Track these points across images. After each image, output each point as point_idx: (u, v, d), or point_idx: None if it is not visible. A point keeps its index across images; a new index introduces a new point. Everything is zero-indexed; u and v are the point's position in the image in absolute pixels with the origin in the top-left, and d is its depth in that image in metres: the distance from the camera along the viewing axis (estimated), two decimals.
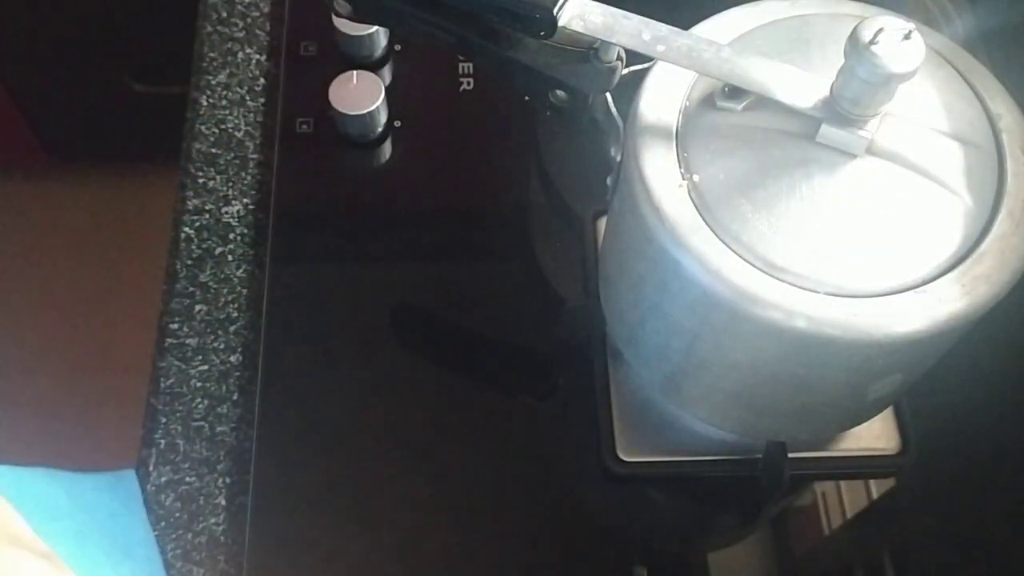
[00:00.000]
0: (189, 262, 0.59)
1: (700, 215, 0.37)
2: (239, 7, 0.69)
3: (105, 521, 0.48)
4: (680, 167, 0.38)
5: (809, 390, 0.42)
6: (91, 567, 0.45)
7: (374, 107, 0.60)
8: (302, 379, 0.55)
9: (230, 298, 0.58)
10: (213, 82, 0.65)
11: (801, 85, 0.37)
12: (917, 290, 0.36)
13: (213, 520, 0.52)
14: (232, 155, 0.63)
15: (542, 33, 0.39)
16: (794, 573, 0.52)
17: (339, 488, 0.52)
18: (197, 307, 0.57)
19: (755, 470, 0.50)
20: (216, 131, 0.64)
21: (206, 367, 0.56)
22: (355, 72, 0.61)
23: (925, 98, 0.39)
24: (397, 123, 0.63)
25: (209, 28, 0.68)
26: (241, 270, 0.59)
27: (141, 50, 1.20)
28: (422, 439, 0.53)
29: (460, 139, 0.64)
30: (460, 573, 0.51)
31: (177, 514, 0.52)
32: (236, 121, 0.64)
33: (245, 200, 0.61)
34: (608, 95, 0.43)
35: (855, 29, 0.34)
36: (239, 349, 0.56)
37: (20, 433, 1.25)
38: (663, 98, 0.40)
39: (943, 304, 0.36)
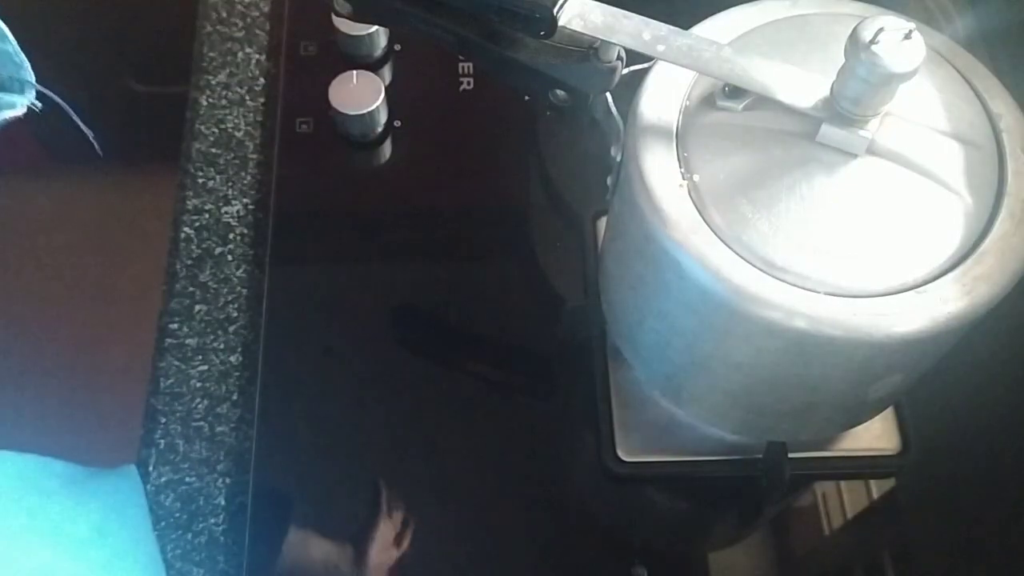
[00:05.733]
0: (189, 262, 0.59)
1: (700, 215, 0.37)
2: (239, 7, 0.69)
3: (111, 516, 0.48)
4: (680, 167, 0.38)
5: (809, 390, 0.42)
6: (101, 564, 0.45)
7: (374, 107, 0.60)
8: (302, 379, 0.55)
9: (230, 298, 0.58)
10: (213, 82, 0.65)
11: (801, 85, 0.37)
12: (917, 290, 0.36)
13: (213, 520, 0.52)
14: (232, 155, 0.63)
15: (542, 33, 0.39)
16: (794, 573, 0.52)
17: (339, 488, 0.52)
18: (197, 307, 0.57)
19: (755, 470, 0.50)
20: (216, 131, 0.64)
21: (206, 367, 0.56)
22: (355, 72, 0.61)
23: (925, 98, 0.39)
24: (397, 123, 0.63)
25: (209, 28, 0.68)
26: (241, 270, 0.59)
27: (141, 50, 1.20)
28: (422, 439, 0.53)
29: (460, 139, 0.64)
30: (460, 573, 0.51)
31: (177, 514, 0.52)
32: (236, 121, 0.64)
33: (245, 200, 0.61)
34: (608, 95, 0.43)
35: (855, 29, 0.34)
36: (239, 349, 0.56)
37: (18, 433, 1.25)
38: (663, 98, 0.40)
39: (943, 304, 0.36)
